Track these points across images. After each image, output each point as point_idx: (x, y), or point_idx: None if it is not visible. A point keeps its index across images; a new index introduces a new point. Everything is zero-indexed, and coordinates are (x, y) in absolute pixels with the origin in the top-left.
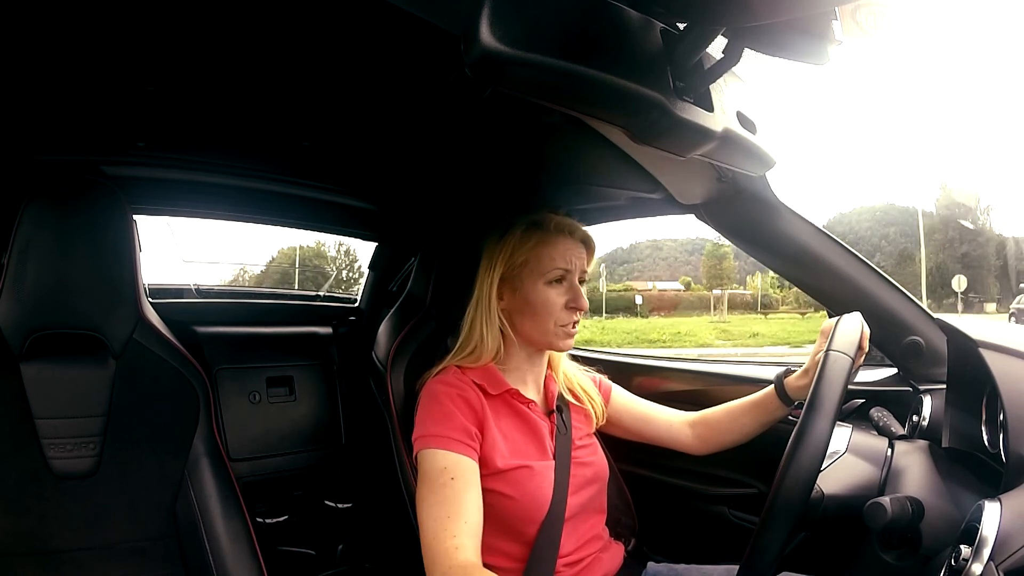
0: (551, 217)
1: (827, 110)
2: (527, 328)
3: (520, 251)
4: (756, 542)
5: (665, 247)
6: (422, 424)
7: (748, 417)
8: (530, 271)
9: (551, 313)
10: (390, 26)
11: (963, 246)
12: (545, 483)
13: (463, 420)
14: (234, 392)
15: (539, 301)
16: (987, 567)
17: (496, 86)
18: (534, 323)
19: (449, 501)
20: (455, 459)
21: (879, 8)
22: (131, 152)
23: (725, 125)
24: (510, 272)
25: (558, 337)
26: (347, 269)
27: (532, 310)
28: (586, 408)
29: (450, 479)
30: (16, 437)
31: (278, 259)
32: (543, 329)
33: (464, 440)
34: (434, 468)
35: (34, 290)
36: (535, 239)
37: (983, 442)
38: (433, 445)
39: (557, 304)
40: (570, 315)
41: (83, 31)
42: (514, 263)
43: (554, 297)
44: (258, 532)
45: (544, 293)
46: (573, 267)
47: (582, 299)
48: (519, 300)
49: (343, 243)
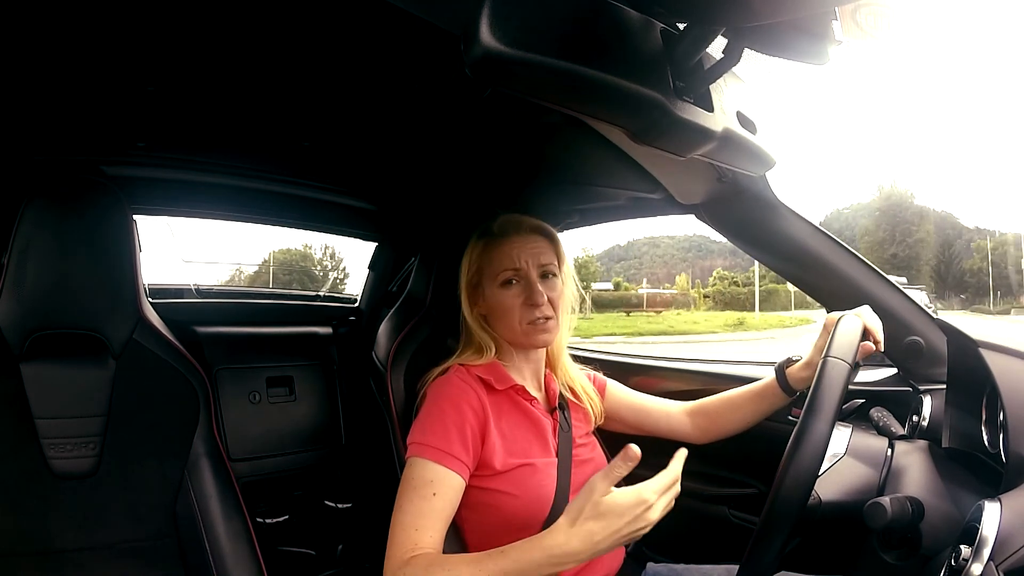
0: (500, 219)
1: (808, 105)
2: (500, 330)
3: (474, 259)
4: (756, 543)
5: (662, 244)
6: (420, 430)
7: (748, 406)
8: (486, 276)
9: (511, 314)
10: (390, 26)
11: (892, 247)
12: (548, 480)
13: (461, 431)
14: (234, 392)
15: (497, 304)
16: (987, 567)
17: (496, 86)
18: (502, 325)
19: (424, 514)
20: (443, 474)
21: (879, 8)
22: (131, 152)
23: (725, 125)
24: (472, 280)
25: (528, 335)
26: (333, 270)
27: (496, 314)
28: (585, 407)
29: (432, 494)
30: (16, 437)
31: (269, 260)
32: (512, 329)
33: (458, 456)
34: (420, 478)
35: (34, 290)
36: (482, 245)
37: (983, 442)
38: (426, 456)
39: (514, 304)
40: (531, 312)
41: (83, 31)
42: (472, 271)
43: (510, 298)
44: (258, 532)
45: (500, 296)
46: (525, 264)
47: (536, 295)
48: (485, 306)
49: (328, 246)
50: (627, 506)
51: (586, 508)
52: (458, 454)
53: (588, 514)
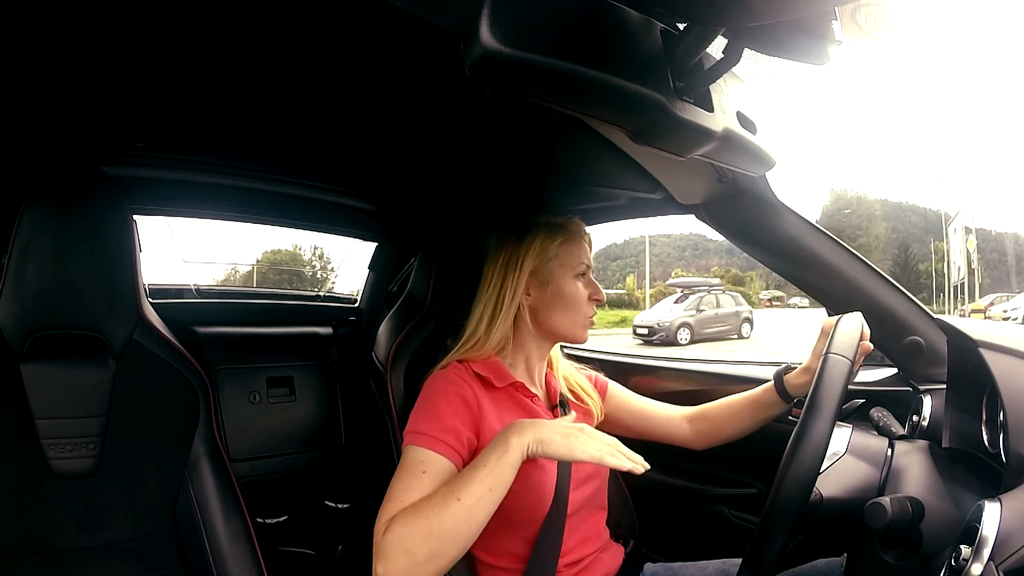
0: (571, 219)
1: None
2: (555, 320)
3: (550, 248)
4: (756, 543)
5: (659, 243)
6: (414, 420)
7: (747, 412)
8: (560, 266)
9: (580, 304)
10: (390, 26)
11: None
12: (548, 477)
13: (454, 421)
14: (234, 392)
15: (570, 294)
16: (987, 567)
17: (496, 86)
18: (564, 315)
19: (412, 490)
20: (433, 457)
21: (879, 8)
22: (131, 152)
23: (725, 125)
24: (540, 268)
25: (583, 328)
26: (321, 270)
27: (563, 303)
28: (585, 406)
29: (422, 472)
30: (16, 437)
31: (261, 260)
32: (571, 321)
33: (449, 442)
34: (411, 460)
35: (34, 290)
36: (561, 237)
37: (983, 442)
38: (419, 443)
39: (584, 296)
40: (591, 307)
41: (83, 32)
42: (545, 259)
43: (582, 290)
44: (258, 532)
45: (574, 286)
46: (591, 263)
47: (601, 292)
48: (549, 294)
49: (317, 247)
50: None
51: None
52: (448, 440)
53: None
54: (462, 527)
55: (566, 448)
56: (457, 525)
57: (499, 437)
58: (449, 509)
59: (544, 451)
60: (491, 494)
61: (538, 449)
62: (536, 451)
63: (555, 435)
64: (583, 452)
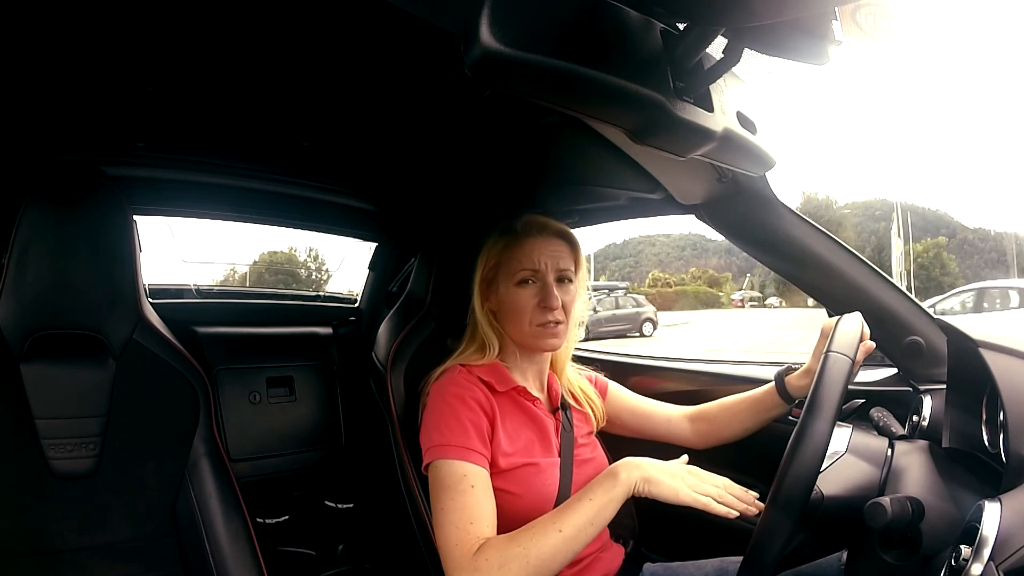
0: (524, 218)
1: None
2: (509, 329)
3: (493, 254)
4: (756, 543)
5: (658, 243)
6: (437, 432)
7: (747, 413)
8: (502, 273)
9: (523, 314)
10: (390, 26)
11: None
12: (550, 480)
13: (476, 426)
14: (234, 392)
15: (511, 302)
16: (987, 567)
17: (496, 86)
18: (512, 324)
19: (470, 507)
20: (472, 469)
21: (879, 8)
22: (131, 152)
23: (725, 125)
24: (488, 275)
25: (537, 337)
26: (316, 272)
27: (507, 312)
28: (586, 411)
29: (470, 486)
30: (16, 437)
31: (258, 261)
32: (521, 330)
33: (479, 450)
34: (453, 475)
35: (34, 290)
36: (504, 242)
37: (983, 442)
38: (451, 456)
39: (527, 305)
40: (543, 314)
41: (83, 32)
42: (489, 266)
43: (524, 298)
44: (258, 532)
45: (515, 294)
46: (544, 267)
47: (551, 298)
48: (497, 302)
49: (312, 248)
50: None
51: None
52: (478, 448)
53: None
54: (560, 556)
55: (671, 490)
56: (556, 555)
57: (608, 472)
58: (549, 539)
59: (650, 490)
60: (591, 527)
61: (644, 488)
62: (642, 490)
63: (662, 475)
64: (688, 496)
